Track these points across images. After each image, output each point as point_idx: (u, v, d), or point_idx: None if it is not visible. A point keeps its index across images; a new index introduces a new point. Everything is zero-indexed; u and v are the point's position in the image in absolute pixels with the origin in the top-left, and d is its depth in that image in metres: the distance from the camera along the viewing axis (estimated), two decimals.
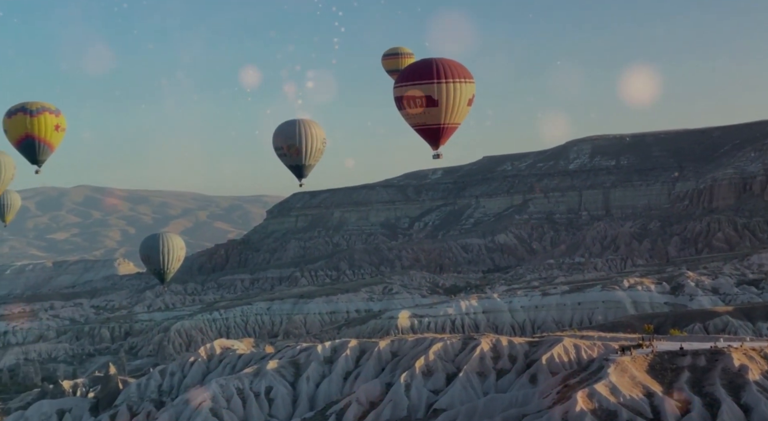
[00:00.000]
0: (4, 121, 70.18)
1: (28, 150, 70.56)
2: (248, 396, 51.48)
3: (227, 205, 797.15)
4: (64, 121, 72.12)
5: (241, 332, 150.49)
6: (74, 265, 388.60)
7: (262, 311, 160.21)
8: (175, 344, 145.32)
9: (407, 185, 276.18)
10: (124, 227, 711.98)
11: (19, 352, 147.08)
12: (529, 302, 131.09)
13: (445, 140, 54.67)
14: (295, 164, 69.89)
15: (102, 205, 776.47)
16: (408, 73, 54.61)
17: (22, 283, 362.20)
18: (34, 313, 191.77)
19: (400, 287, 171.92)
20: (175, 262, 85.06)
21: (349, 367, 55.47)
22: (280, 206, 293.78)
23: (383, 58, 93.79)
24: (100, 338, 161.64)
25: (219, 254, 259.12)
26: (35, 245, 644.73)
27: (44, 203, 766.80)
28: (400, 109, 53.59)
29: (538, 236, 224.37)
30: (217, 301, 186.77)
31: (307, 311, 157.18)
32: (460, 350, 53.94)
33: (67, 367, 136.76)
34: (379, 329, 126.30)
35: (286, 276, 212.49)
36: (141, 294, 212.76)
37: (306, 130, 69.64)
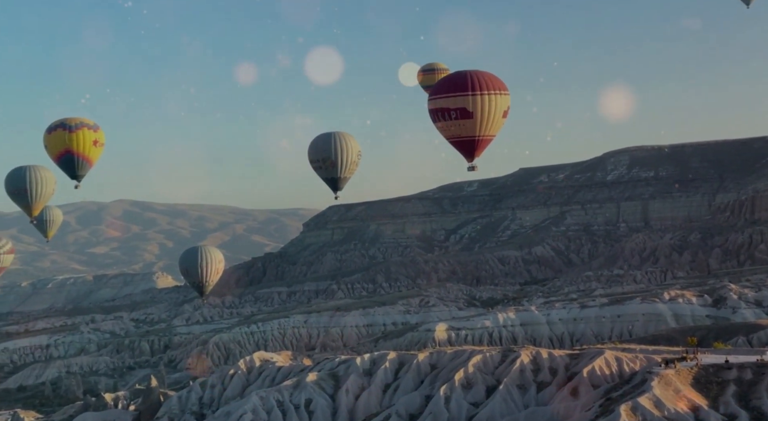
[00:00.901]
0: (44, 137, 71.41)
1: (67, 165, 71.62)
2: (288, 408, 51.62)
3: (264, 218, 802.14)
4: (103, 136, 73.09)
5: (278, 344, 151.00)
6: (114, 279, 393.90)
7: (299, 323, 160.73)
8: (214, 356, 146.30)
9: (443, 198, 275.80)
10: (163, 240, 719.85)
11: (62, 365, 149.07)
12: (567, 315, 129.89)
13: (480, 152, 54.59)
14: (331, 177, 70.30)
15: (141, 219, 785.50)
16: (442, 85, 54.74)
17: (63, 296, 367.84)
18: (76, 326, 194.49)
19: (436, 299, 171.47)
20: (213, 275, 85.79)
21: (388, 379, 55.37)
22: (316, 219, 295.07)
23: (419, 74, 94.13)
24: (139, 351, 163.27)
25: (256, 267, 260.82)
26: (76, 259, 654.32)
27: (84, 218, 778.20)
28: (435, 121, 53.67)
29: (576, 247, 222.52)
30: (254, 314, 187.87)
31: (344, 323, 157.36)
32: (499, 363, 53.60)
33: (108, 380, 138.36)
34: (416, 342, 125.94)
35: (322, 289, 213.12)
36: (179, 307, 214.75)
37: (341, 143, 70.08)
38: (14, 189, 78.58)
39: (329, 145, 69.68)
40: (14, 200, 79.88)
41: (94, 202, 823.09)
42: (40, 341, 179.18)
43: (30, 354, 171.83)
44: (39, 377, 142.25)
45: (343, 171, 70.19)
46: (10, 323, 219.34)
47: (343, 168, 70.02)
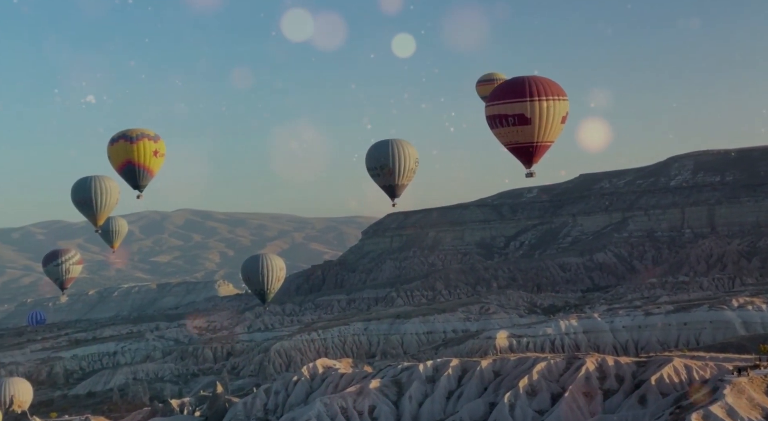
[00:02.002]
0: (108, 148, 72.99)
1: (129, 176, 73.09)
2: (352, 415, 51.75)
3: (322, 226, 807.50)
4: (164, 146, 74.35)
5: (339, 352, 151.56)
6: (177, 287, 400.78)
7: (359, 331, 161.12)
8: (275, 364, 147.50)
9: (502, 204, 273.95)
10: (223, 249, 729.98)
11: (128, 372, 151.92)
12: (631, 322, 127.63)
13: (538, 159, 54.25)
14: (388, 184, 70.53)
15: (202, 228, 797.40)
16: (500, 91, 54.52)
17: (128, 304, 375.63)
18: (141, 334, 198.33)
19: (497, 306, 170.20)
20: (275, 282, 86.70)
21: (451, 386, 55.12)
22: (374, 227, 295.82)
23: (478, 84, 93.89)
24: (203, 358, 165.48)
25: (316, 275, 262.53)
26: (140, 267, 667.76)
27: (148, 227, 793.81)
28: (493, 127, 53.49)
29: (639, 254, 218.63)
30: (314, 321, 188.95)
31: (404, 331, 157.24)
32: (564, 370, 52.94)
33: (173, 386, 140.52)
34: (477, 349, 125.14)
35: (382, 296, 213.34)
36: (241, 315, 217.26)
37: (398, 150, 70.24)
38: (80, 199, 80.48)
39: (387, 152, 69.95)
40: (80, 210, 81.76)
41: (157, 211, 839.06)
42: (107, 348, 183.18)
43: (98, 361, 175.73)
44: (107, 384, 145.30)
45: (400, 178, 70.36)
46: (79, 330, 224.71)
47: (400, 175, 70.19)
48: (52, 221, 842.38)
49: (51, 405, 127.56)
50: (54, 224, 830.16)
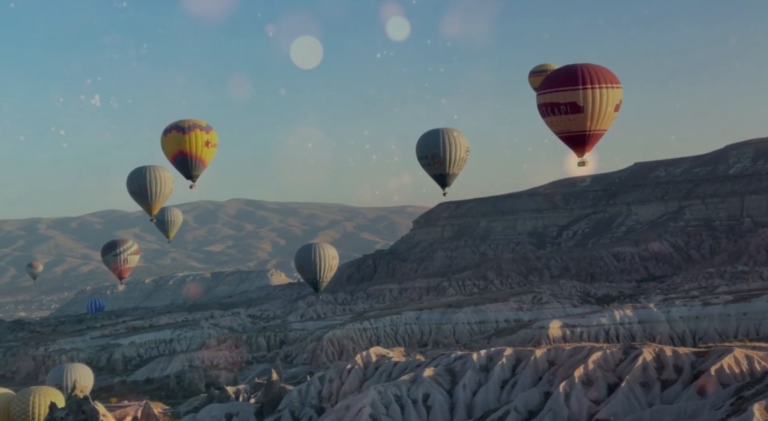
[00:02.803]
0: (161, 139, 73.97)
1: (182, 166, 73.94)
2: (406, 403, 51.88)
3: (373, 216, 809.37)
4: (216, 137, 74.99)
5: (391, 341, 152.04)
6: (230, 276, 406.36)
7: (411, 320, 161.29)
8: (328, 352, 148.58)
9: (555, 193, 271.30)
10: (275, 238, 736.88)
11: (184, 359, 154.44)
12: (688, 312, 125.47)
13: (591, 147, 53.58)
14: (439, 174, 70.40)
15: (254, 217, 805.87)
16: (552, 79, 53.93)
17: (183, 293, 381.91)
18: (196, 322, 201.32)
19: (549, 296, 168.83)
20: (328, 271, 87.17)
21: (505, 375, 54.91)
22: (426, 216, 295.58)
23: (530, 75, 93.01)
24: (257, 347, 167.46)
25: (367, 264, 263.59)
26: (194, 256, 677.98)
27: (201, 217, 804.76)
28: (544, 116, 52.98)
29: (696, 243, 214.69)
30: (366, 310, 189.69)
31: (455, 320, 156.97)
32: (620, 360, 52.34)
33: (227, 374, 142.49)
34: (530, 339, 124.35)
35: (433, 286, 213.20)
36: (294, 304, 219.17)
37: (449, 139, 70.04)
38: (135, 189, 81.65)
39: (437, 141, 69.82)
40: (135, 200, 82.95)
41: (210, 201, 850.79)
42: (163, 335, 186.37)
43: (155, 348, 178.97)
44: (164, 370, 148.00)
45: (451, 167, 70.19)
46: (136, 318, 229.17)
47: (451, 164, 70.01)
48: (108, 211, 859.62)
49: (110, 391, 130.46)
50: (111, 213, 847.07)
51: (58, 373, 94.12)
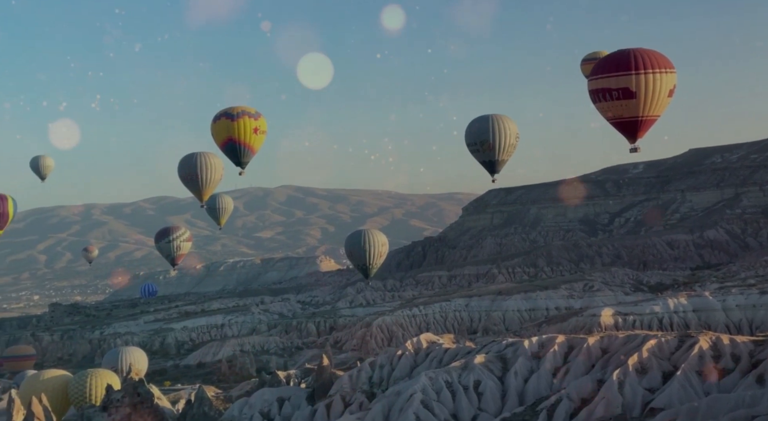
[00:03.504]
0: (211, 126, 74.56)
1: (231, 153, 74.47)
2: (457, 389, 51.70)
3: (422, 203, 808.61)
4: (264, 124, 75.23)
5: (440, 327, 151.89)
6: (280, 262, 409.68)
7: (460, 307, 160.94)
8: (377, 339, 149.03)
9: (606, 180, 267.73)
10: (324, 225, 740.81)
11: (236, 344, 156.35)
12: (745, 301, 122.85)
13: (643, 133, 52.67)
14: (488, 160, 69.93)
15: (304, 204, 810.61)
16: (604, 64, 52.99)
17: (234, 279, 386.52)
18: (247, 307, 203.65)
19: (601, 284, 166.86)
20: (377, 258, 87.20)
21: (557, 363, 54.37)
22: (475, 203, 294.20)
23: (582, 63, 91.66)
24: (306, 332, 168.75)
25: (416, 251, 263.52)
26: (244, 242, 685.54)
27: (251, 203, 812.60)
28: (595, 102, 52.22)
29: (753, 231, 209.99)
30: (415, 297, 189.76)
31: (505, 307, 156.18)
32: (676, 348, 51.42)
33: (278, 359, 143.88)
34: (581, 327, 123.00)
35: (483, 273, 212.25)
36: (343, 290, 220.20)
37: (499, 126, 69.48)
38: (186, 175, 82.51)
39: (486, 127, 69.29)
40: (186, 186, 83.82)
41: (260, 187, 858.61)
42: (215, 320, 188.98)
43: (207, 333, 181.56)
44: (216, 355, 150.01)
45: (500, 154, 69.65)
46: (188, 303, 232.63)
47: (500, 151, 69.47)
48: (161, 197, 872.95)
49: (164, 374, 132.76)
50: (163, 199, 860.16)
51: (113, 356, 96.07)
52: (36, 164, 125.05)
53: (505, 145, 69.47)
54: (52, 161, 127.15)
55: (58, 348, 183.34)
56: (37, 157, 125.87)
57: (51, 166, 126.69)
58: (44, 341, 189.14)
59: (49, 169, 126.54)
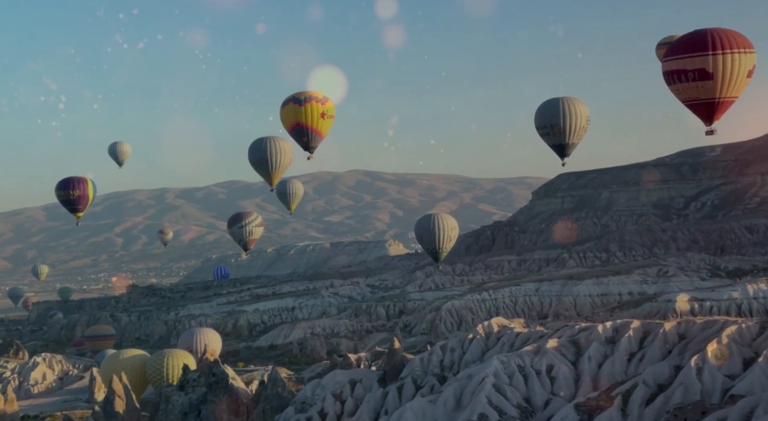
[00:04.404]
0: (280, 110, 75.12)
1: (299, 137, 74.97)
2: (530, 374, 51.20)
3: (491, 187, 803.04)
4: (332, 108, 75.41)
5: (510, 312, 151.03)
6: (349, 246, 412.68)
7: (530, 292, 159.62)
8: (447, 322, 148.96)
9: (682, 163, 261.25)
10: (393, 209, 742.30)
11: (306, 326, 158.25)
12: None
13: (720, 115, 51.18)
14: (558, 143, 68.99)
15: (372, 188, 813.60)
16: (679, 45, 51.35)
17: (304, 262, 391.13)
18: (317, 290, 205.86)
19: (676, 269, 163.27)
20: (447, 242, 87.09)
21: (632, 348, 53.28)
22: (545, 187, 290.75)
23: (658, 47, 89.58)
24: (376, 316, 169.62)
25: (485, 236, 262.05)
26: (314, 227, 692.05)
27: (320, 188, 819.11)
28: (670, 83, 50.73)
29: None
30: (485, 281, 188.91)
31: (576, 292, 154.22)
32: (757, 334, 49.85)
33: (348, 342, 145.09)
34: (655, 313, 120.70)
35: (553, 257, 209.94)
36: (412, 274, 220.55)
37: (569, 108, 68.40)
38: (256, 159, 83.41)
39: (557, 110, 68.31)
40: (256, 170, 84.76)
41: (329, 172, 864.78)
42: (286, 303, 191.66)
43: (278, 315, 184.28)
44: (287, 337, 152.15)
45: (571, 137, 68.65)
46: (259, 285, 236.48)
47: (571, 134, 68.46)
48: (232, 181, 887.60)
49: (237, 355, 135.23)
50: (234, 183, 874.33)
51: (188, 337, 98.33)
52: (114, 150, 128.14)
53: (576, 128, 68.39)
54: (129, 147, 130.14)
55: (135, 328, 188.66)
56: (114, 143, 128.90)
57: (128, 152, 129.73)
58: (122, 321, 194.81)
59: (127, 155, 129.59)
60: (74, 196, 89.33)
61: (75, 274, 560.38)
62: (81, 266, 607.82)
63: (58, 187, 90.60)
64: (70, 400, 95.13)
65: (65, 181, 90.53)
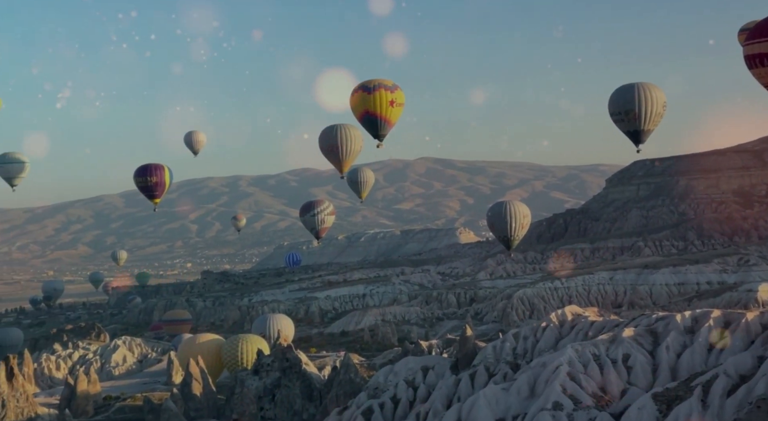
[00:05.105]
0: (349, 98, 75.25)
1: (368, 125, 74.98)
2: (605, 363, 50.29)
3: (564, 174, 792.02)
4: (401, 96, 75.13)
5: (583, 301, 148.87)
6: (419, 233, 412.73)
7: (604, 280, 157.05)
8: (518, 311, 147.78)
9: (764, 150, 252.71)
10: (463, 197, 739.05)
11: (377, 313, 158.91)
12: None
13: None
14: (633, 130, 67.55)
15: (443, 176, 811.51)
16: (760, 28, 49.34)
17: (374, 249, 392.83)
18: (387, 278, 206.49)
19: (758, 258, 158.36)
20: (519, 229, 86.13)
21: (713, 338, 51.86)
22: (620, 175, 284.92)
23: (740, 33, 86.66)
24: (447, 303, 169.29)
25: (557, 224, 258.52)
26: (384, 214, 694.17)
27: (391, 175, 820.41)
28: (751, 67, 48.82)
29: None
30: (557, 270, 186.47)
31: (652, 281, 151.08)
32: None
33: (419, 329, 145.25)
34: (736, 302, 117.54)
35: (627, 246, 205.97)
36: (483, 262, 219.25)
37: (645, 94, 66.76)
38: (326, 146, 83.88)
39: (632, 96, 66.84)
40: (327, 157, 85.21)
41: (399, 159, 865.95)
42: (357, 290, 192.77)
43: (349, 302, 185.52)
44: (358, 324, 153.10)
45: (646, 123, 67.18)
46: (330, 272, 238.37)
47: (646, 120, 66.98)
48: (303, 169, 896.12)
49: (309, 341, 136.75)
50: (305, 171, 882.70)
51: (262, 322, 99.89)
52: (189, 139, 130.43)
53: (651, 114, 66.83)
54: (204, 137, 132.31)
55: (210, 314, 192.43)
56: (190, 132, 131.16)
57: (203, 141, 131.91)
58: (198, 306, 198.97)
59: (202, 144, 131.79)
60: (152, 182, 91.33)
61: (152, 259, 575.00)
62: (157, 252, 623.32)
63: (136, 174, 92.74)
64: (149, 382, 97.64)
65: (143, 168, 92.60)
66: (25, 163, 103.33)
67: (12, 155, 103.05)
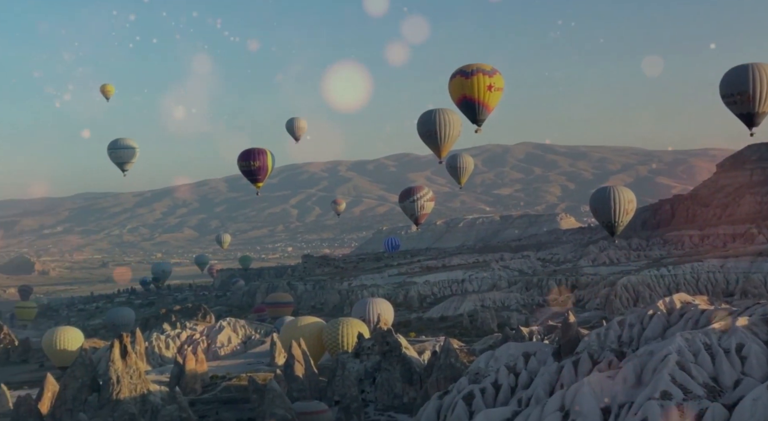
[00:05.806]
0: (448, 83, 74.49)
1: (466, 110, 74.02)
2: (717, 352, 48.23)
3: (670, 159, 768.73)
4: (500, 81, 73.73)
5: (691, 289, 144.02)
6: (519, 219, 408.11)
7: (714, 268, 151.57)
8: (622, 298, 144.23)
9: None
10: (564, 182, 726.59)
11: (476, 299, 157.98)
12: None
13: None
14: (746, 112, 64.65)
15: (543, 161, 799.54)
16: None
17: (473, 235, 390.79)
18: (486, 263, 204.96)
19: None
20: (624, 215, 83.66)
21: None
22: (731, 159, 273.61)
23: None
24: (547, 290, 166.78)
25: (664, 210, 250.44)
26: (483, 199, 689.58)
27: (490, 160, 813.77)
28: None
29: None
30: (663, 257, 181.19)
31: (766, 269, 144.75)
32: None
33: (518, 315, 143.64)
34: None
35: (740, 233, 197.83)
36: (584, 248, 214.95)
37: (760, 75, 63.66)
38: (425, 131, 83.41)
39: (745, 77, 63.82)
40: (425, 142, 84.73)
41: (498, 144, 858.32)
42: (456, 275, 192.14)
43: (448, 287, 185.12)
44: (457, 309, 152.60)
45: (761, 105, 64.16)
46: (429, 257, 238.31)
47: (761, 102, 63.93)
48: (402, 154, 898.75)
49: (408, 326, 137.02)
50: (404, 156, 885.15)
51: (362, 306, 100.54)
52: (291, 126, 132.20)
53: (766, 96, 63.82)
54: (305, 123, 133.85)
55: (311, 297, 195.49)
56: (292, 119, 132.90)
57: (304, 128, 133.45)
58: (299, 289, 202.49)
59: (303, 130, 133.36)
60: (255, 166, 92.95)
61: (254, 243, 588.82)
62: (259, 235, 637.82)
63: (240, 158, 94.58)
64: (253, 363, 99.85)
65: (247, 152, 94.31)
66: (135, 149, 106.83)
67: (123, 141, 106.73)
